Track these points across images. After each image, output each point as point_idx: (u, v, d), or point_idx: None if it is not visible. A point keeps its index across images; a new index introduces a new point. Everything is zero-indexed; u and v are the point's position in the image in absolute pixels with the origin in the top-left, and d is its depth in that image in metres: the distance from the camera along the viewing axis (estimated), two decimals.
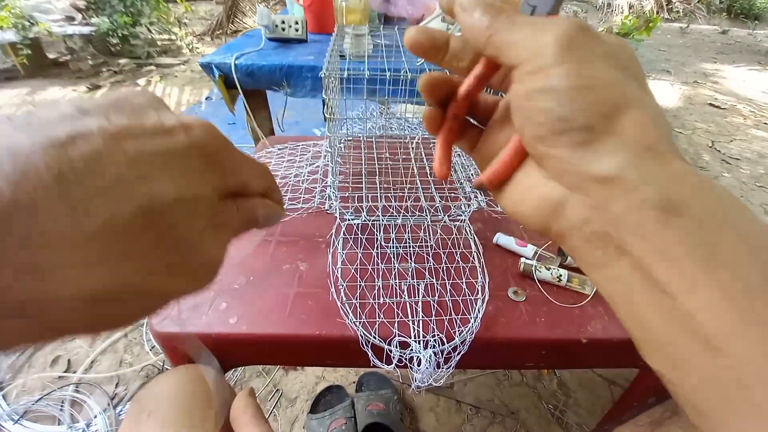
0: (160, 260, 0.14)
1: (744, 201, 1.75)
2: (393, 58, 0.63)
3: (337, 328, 0.44)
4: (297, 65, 0.99)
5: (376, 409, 0.79)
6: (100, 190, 0.12)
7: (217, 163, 0.16)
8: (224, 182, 0.16)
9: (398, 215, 0.59)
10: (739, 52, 4.75)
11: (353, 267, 0.52)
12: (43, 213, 0.11)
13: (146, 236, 0.13)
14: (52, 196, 0.11)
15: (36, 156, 0.11)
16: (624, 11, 5.61)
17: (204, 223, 0.15)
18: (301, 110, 2.32)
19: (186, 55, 3.40)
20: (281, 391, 0.91)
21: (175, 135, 0.14)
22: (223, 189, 0.16)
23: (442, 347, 0.43)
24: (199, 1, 4.95)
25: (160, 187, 0.13)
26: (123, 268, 0.13)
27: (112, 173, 0.12)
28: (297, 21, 1.12)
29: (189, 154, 0.15)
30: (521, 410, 0.90)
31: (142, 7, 3.03)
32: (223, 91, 1.04)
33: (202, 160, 0.15)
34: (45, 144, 0.12)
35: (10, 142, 0.12)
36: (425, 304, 0.48)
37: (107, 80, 2.78)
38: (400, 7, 1.28)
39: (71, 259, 0.12)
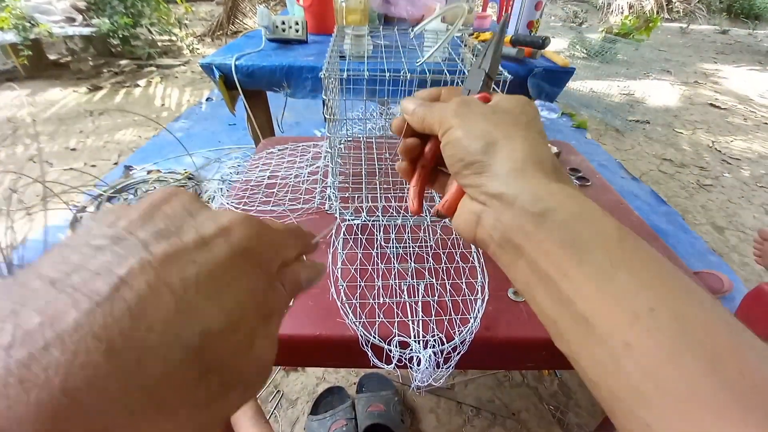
0: (212, 390, 0.13)
1: (745, 201, 1.75)
2: (393, 59, 0.63)
3: (337, 328, 0.44)
4: (297, 66, 0.99)
5: (377, 410, 0.79)
6: (150, 349, 0.11)
7: (260, 257, 0.16)
8: (269, 271, 0.16)
9: (398, 215, 0.59)
10: (740, 52, 4.74)
11: (353, 267, 0.52)
12: (96, 395, 0.10)
13: (195, 373, 0.12)
14: (103, 374, 0.10)
15: (83, 330, 0.10)
16: (624, 11, 5.61)
17: (253, 330, 0.15)
18: (301, 111, 2.32)
19: (186, 56, 3.41)
20: (282, 393, 0.91)
21: (216, 246, 0.14)
22: (268, 278, 0.16)
23: (442, 347, 0.43)
24: (200, 2, 4.96)
25: (209, 321, 0.13)
26: (179, 416, 0.12)
27: (160, 321, 0.11)
28: (297, 22, 1.12)
29: (233, 264, 0.14)
30: (522, 411, 0.89)
31: (142, 8, 3.03)
32: (223, 92, 1.04)
33: (246, 263, 0.15)
34: (89, 309, 0.11)
35: (53, 311, 0.11)
36: (425, 304, 0.47)
37: (108, 81, 2.78)
38: (401, 8, 1.28)
39: (130, 427, 0.11)
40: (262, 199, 0.65)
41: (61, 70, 2.94)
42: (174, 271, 0.12)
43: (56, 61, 3.04)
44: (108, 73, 2.93)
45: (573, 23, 5.65)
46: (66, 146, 1.93)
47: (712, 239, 1.50)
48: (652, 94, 2.97)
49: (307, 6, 1.19)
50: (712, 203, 1.73)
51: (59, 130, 2.08)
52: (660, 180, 1.88)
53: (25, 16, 2.57)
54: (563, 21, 5.80)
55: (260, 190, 0.67)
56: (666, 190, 1.79)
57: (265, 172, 0.73)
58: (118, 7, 2.89)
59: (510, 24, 1.12)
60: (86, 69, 2.91)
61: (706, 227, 1.57)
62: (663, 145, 2.23)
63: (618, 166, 1.94)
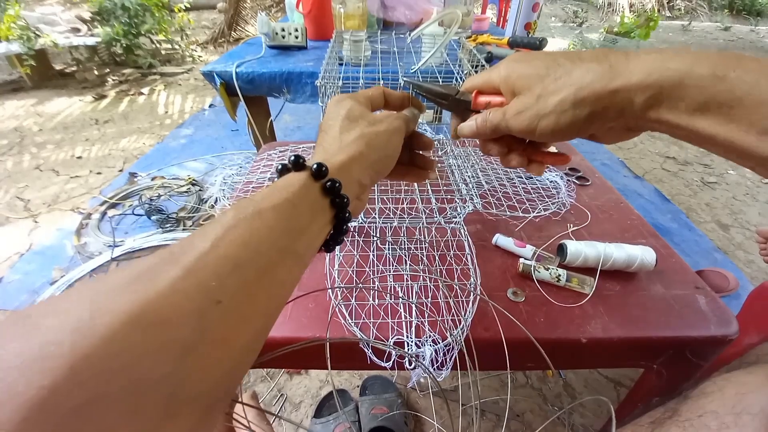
0: (376, 159, 0.29)
1: (750, 198, 1.74)
2: (390, 63, 0.63)
3: (336, 329, 0.45)
4: (297, 72, 1.00)
5: (381, 413, 0.79)
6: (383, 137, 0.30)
7: (371, 107, 0.33)
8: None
9: (394, 217, 0.60)
10: (742, 48, 4.71)
11: (350, 269, 0.52)
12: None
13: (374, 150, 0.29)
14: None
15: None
16: (625, 10, 5.60)
17: (392, 134, 0.31)
18: (303, 115, 2.34)
19: (189, 64, 3.45)
20: (285, 396, 0.91)
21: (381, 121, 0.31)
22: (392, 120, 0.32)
23: (436, 347, 0.43)
24: (202, 10, 5.02)
25: (384, 130, 0.30)
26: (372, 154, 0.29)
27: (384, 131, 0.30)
28: (297, 28, 1.13)
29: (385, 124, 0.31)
30: (526, 412, 0.89)
31: (144, 18, 3.08)
32: (224, 99, 1.05)
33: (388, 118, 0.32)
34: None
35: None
36: (421, 305, 0.48)
37: (112, 90, 2.82)
38: (399, 13, 1.29)
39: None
40: None
41: (66, 79, 2.98)
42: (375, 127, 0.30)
43: (62, 70, 3.09)
44: (113, 81, 2.97)
45: (573, 23, 5.64)
46: (72, 154, 1.95)
47: (717, 237, 1.49)
48: None
49: (306, 12, 1.20)
50: (716, 201, 1.72)
51: (65, 139, 2.11)
52: (664, 178, 1.87)
53: (30, 27, 2.62)
54: (563, 21, 5.80)
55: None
56: (670, 188, 1.78)
57: (265, 174, 0.74)
58: (122, 17, 2.93)
59: (507, 26, 1.13)
60: (91, 78, 2.95)
61: (710, 225, 1.56)
62: (666, 143, 2.22)
63: (621, 165, 1.93)
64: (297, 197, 0.23)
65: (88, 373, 0.13)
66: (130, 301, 0.15)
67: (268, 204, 0.22)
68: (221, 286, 0.17)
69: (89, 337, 0.13)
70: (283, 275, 0.21)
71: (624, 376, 0.97)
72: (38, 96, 2.66)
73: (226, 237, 0.19)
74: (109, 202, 1.49)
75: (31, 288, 1.16)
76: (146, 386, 0.14)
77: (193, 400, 0.16)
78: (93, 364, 0.13)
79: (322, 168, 0.24)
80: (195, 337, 0.16)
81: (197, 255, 0.17)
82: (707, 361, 0.47)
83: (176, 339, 0.15)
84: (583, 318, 0.47)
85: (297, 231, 0.22)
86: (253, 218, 0.20)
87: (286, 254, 0.21)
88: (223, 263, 0.18)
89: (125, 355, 0.14)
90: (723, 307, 0.49)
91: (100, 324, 0.14)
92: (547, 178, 0.74)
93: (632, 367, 0.51)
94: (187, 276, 0.16)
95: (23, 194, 1.63)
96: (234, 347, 0.18)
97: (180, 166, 1.78)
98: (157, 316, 0.15)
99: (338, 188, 0.24)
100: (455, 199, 0.63)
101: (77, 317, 0.14)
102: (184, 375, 0.15)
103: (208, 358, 0.16)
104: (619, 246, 0.53)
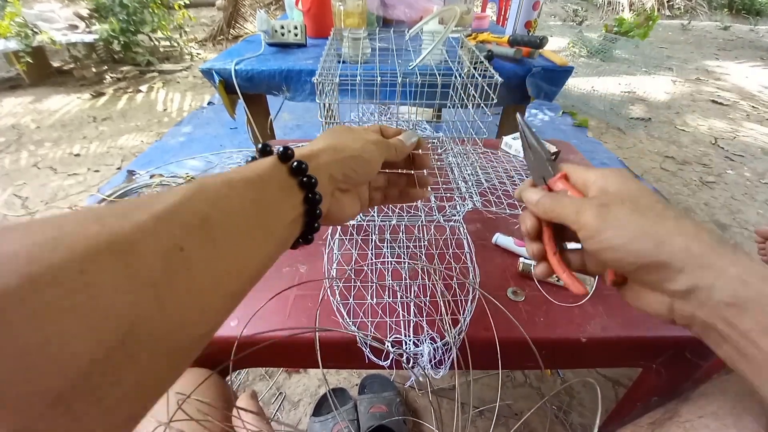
0: (355, 166, 0.30)
1: (748, 198, 1.74)
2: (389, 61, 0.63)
3: (335, 328, 0.44)
4: (296, 69, 0.99)
5: (379, 412, 0.79)
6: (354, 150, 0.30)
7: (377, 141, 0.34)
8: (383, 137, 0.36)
9: (393, 215, 0.59)
10: (741, 48, 4.72)
11: (349, 267, 0.52)
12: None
13: (358, 158, 0.31)
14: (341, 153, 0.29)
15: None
16: (624, 9, 5.59)
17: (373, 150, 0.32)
18: (302, 114, 2.33)
19: (188, 62, 3.43)
20: (284, 394, 0.91)
21: (363, 137, 0.33)
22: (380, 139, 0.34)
23: (434, 345, 0.43)
24: (201, 8, 4.99)
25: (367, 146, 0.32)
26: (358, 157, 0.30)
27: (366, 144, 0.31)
28: (296, 26, 1.12)
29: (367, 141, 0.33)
30: (525, 411, 0.89)
31: (143, 15, 3.06)
32: (223, 97, 1.05)
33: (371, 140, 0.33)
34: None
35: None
36: (420, 304, 0.48)
37: (111, 87, 2.81)
38: (399, 11, 1.29)
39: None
40: None
41: (64, 77, 2.97)
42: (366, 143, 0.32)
43: (60, 68, 3.08)
44: (111, 79, 2.96)
45: (573, 22, 5.64)
46: (70, 152, 1.95)
47: None
48: (654, 92, 2.96)
49: (305, 10, 1.20)
50: (715, 200, 1.72)
51: (63, 136, 2.10)
52: (662, 178, 1.87)
53: (28, 24, 2.60)
54: (563, 20, 5.79)
55: None
56: (669, 188, 1.78)
57: None
58: (120, 14, 2.92)
59: (508, 24, 1.13)
60: (89, 75, 2.93)
61: (709, 224, 1.56)
62: (665, 142, 2.22)
63: (620, 164, 1.93)
64: (266, 174, 0.24)
65: (44, 281, 0.12)
66: (97, 230, 0.15)
67: (237, 176, 0.22)
68: (187, 235, 0.17)
69: (51, 252, 0.13)
70: (251, 246, 0.21)
71: (623, 376, 0.97)
72: (36, 93, 2.65)
73: (195, 196, 0.19)
74: (107, 200, 1.48)
75: None
76: (106, 309, 0.14)
77: (153, 340, 0.15)
78: (54, 276, 0.13)
79: (288, 151, 0.25)
80: (158, 275, 0.16)
81: (166, 205, 0.18)
82: (706, 361, 0.47)
83: (140, 270, 0.15)
84: (583, 318, 0.47)
85: (266, 204, 0.23)
86: (223, 185, 0.21)
87: (255, 224, 0.22)
88: (190, 217, 0.18)
89: (89, 275, 0.13)
90: None
91: (67, 243, 0.14)
92: None
93: (632, 366, 0.51)
94: (155, 221, 0.17)
95: (21, 192, 1.63)
96: (196, 299, 0.18)
97: (178, 164, 1.77)
98: (124, 246, 0.15)
99: (305, 168, 0.25)
100: (454, 197, 0.63)
101: (42, 234, 0.14)
102: (146, 310, 0.15)
103: (169, 299, 0.16)
104: None
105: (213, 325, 0.20)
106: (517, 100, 1.08)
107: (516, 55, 1.02)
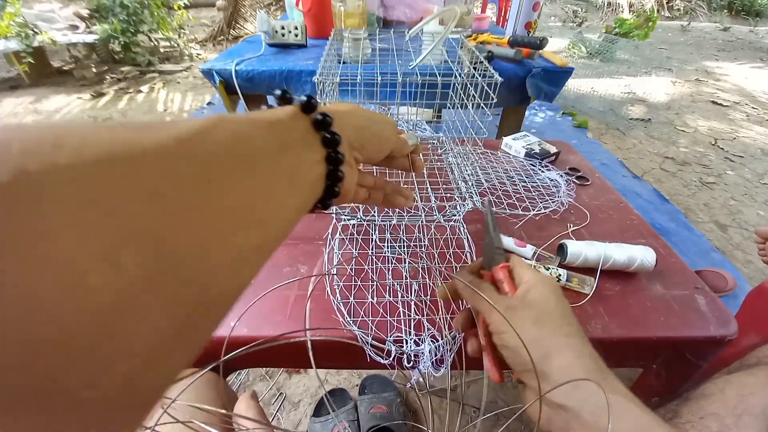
0: (371, 138, 0.29)
1: (748, 198, 1.74)
2: (389, 62, 0.63)
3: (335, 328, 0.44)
4: (297, 70, 0.99)
5: (379, 412, 0.79)
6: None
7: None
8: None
9: (393, 215, 0.59)
10: (741, 49, 4.72)
11: (349, 267, 0.52)
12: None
13: (369, 130, 0.29)
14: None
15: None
16: (624, 10, 5.60)
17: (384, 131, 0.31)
18: None
19: (188, 62, 3.43)
20: (284, 395, 0.91)
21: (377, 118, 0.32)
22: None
23: (434, 344, 0.43)
24: (201, 8, 5.00)
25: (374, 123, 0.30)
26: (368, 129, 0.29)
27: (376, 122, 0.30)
28: (296, 26, 1.13)
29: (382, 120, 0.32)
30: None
31: (143, 15, 3.06)
32: (223, 97, 1.05)
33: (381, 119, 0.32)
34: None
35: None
36: (420, 303, 0.48)
37: (111, 87, 2.81)
38: (399, 11, 1.29)
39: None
40: None
41: (65, 77, 2.97)
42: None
43: (60, 68, 3.08)
44: (111, 79, 2.96)
45: (573, 23, 5.64)
46: None
47: (715, 237, 1.49)
48: (654, 93, 2.96)
49: (306, 10, 1.20)
50: (715, 201, 1.72)
51: None
52: (662, 178, 1.87)
53: (28, 24, 2.60)
54: (563, 21, 5.80)
55: None
56: (668, 188, 1.78)
57: None
58: (120, 15, 2.92)
59: (508, 25, 1.13)
60: (90, 76, 2.94)
61: (709, 225, 1.56)
62: (665, 143, 2.22)
63: (620, 165, 1.93)
64: (289, 122, 0.22)
65: (45, 180, 0.10)
66: (110, 137, 0.12)
67: (259, 117, 0.20)
68: (212, 165, 0.15)
69: (53, 149, 0.10)
70: (277, 192, 0.19)
71: (623, 376, 0.97)
72: (36, 94, 2.65)
73: (219, 126, 0.17)
74: None
75: None
76: (114, 215, 0.11)
77: (163, 269, 0.12)
78: (57, 176, 0.10)
79: (311, 101, 0.23)
80: (183, 200, 0.13)
81: (187, 130, 0.15)
82: (706, 362, 0.47)
83: (163, 189, 0.13)
84: (583, 318, 0.47)
85: (290, 152, 0.21)
86: (246, 123, 0.19)
87: (280, 170, 0.19)
88: (215, 147, 0.16)
89: (102, 180, 0.11)
90: (722, 308, 0.48)
91: (73, 143, 0.11)
92: (547, 177, 0.74)
93: (632, 366, 0.51)
94: (177, 143, 0.14)
95: None
96: (224, 240, 0.15)
97: None
98: (144, 158, 0.13)
99: (329, 122, 0.23)
100: (454, 197, 0.63)
101: (41, 131, 0.11)
102: (155, 227, 0.12)
103: (197, 228, 0.14)
104: (619, 246, 0.53)
105: (240, 280, 0.17)
106: (517, 101, 1.08)
107: (516, 56, 1.02)
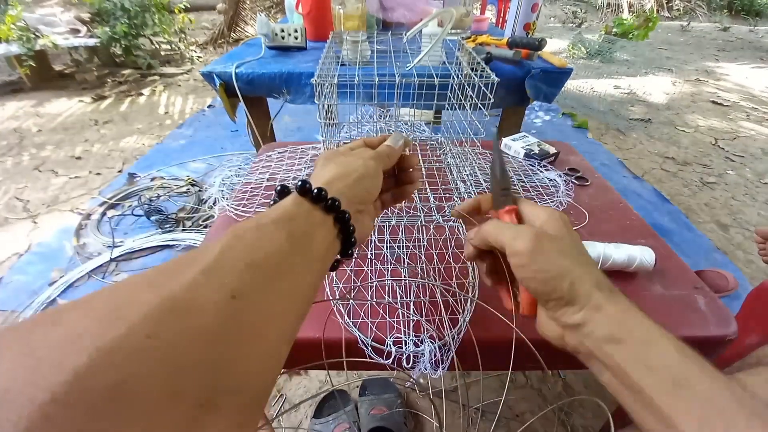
0: (365, 186, 0.32)
1: (749, 198, 1.74)
2: (388, 64, 0.63)
3: (336, 329, 0.45)
4: (296, 72, 1.00)
5: (380, 413, 0.79)
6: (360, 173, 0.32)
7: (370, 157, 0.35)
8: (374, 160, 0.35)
9: (392, 215, 0.59)
10: (741, 48, 4.72)
11: (349, 268, 0.52)
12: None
13: (364, 180, 0.32)
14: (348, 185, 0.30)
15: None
16: (624, 11, 5.61)
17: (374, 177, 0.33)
18: (302, 116, 2.34)
19: (189, 65, 3.45)
20: (285, 396, 0.91)
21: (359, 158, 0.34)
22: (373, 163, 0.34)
23: (434, 344, 0.43)
24: (202, 11, 5.02)
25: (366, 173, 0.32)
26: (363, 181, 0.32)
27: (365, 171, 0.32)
28: (296, 29, 1.13)
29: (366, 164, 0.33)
30: (526, 413, 0.89)
31: (144, 19, 3.08)
32: (224, 100, 1.05)
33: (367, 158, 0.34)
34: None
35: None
36: (419, 304, 0.48)
37: (112, 90, 2.82)
38: (398, 13, 1.29)
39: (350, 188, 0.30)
40: (260, 201, 0.66)
41: (66, 80, 2.98)
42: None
43: (62, 71, 3.09)
44: (112, 82, 2.97)
45: (572, 24, 5.65)
46: (71, 155, 1.95)
47: (716, 237, 1.49)
48: (654, 93, 2.96)
49: (305, 13, 1.20)
50: (715, 201, 1.72)
51: (65, 139, 2.11)
52: (663, 178, 1.87)
53: (30, 28, 2.62)
54: (563, 22, 5.80)
55: (259, 192, 0.68)
56: (669, 189, 1.78)
57: (264, 175, 0.74)
58: (121, 18, 2.93)
59: (507, 26, 1.13)
60: (91, 79, 2.95)
61: (710, 225, 1.56)
62: (665, 143, 2.22)
63: (620, 165, 1.93)
64: (292, 210, 0.25)
65: (118, 355, 0.13)
66: (153, 294, 0.15)
67: (265, 219, 0.24)
68: (237, 283, 0.18)
69: (115, 324, 0.14)
70: (295, 277, 0.23)
71: None
72: (38, 97, 2.66)
73: (235, 245, 0.20)
74: (109, 203, 1.49)
75: (31, 289, 1.16)
76: (180, 370, 0.14)
77: (229, 392, 0.16)
78: (122, 347, 0.13)
79: (306, 184, 0.27)
80: (219, 328, 0.16)
81: (212, 257, 0.19)
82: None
83: (202, 326, 0.16)
84: None
85: (299, 236, 0.24)
86: (255, 230, 0.22)
87: (294, 259, 0.23)
88: (235, 264, 0.19)
89: (155, 339, 0.14)
90: (722, 308, 0.48)
91: (126, 313, 0.14)
92: (546, 177, 0.74)
93: None
94: (205, 274, 0.18)
95: (23, 195, 1.63)
96: (257, 343, 0.18)
97: (179, 166, 1.78)
98: (181, 305, 0.16)
99: (325, 194, 0.27)
100: (453, 198, 0.63)
101: (101, 309, 0.14)
102: (216, 364, 0.16)
103: (235, 350, 0.17)
104: (619, 246, 0.53)
105: (275, 365, 0.20)
106: (516, 102, 1.08)
107: (515, 57, 1.03)
